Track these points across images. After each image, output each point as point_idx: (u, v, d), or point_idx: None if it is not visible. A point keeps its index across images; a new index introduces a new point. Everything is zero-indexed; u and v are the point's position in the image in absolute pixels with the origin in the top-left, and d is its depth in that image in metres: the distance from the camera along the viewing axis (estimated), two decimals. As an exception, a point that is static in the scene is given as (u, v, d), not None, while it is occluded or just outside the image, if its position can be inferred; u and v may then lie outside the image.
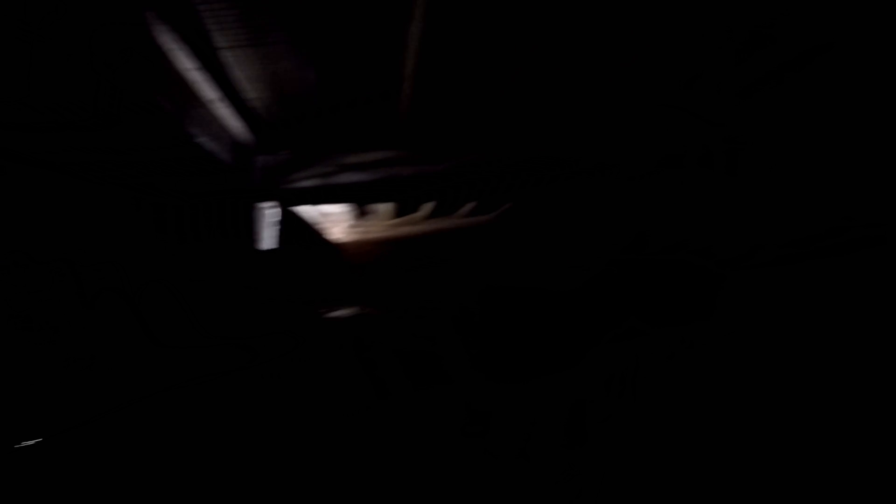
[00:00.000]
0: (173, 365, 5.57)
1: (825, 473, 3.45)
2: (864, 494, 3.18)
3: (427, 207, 10.28)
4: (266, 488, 4.58)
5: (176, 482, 3.24)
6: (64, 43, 2.85)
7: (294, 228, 7.12)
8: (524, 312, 7.47)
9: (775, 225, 5.58)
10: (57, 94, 3.25)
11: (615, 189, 6.61)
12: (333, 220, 10.67)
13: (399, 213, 10.51)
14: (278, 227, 6.32)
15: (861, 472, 3.28)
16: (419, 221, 11.13)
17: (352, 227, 10.91)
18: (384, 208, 11.29)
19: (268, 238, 6.22)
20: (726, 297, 7.49)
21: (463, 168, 6.91)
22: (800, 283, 6.44)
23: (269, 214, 6.41)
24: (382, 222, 11.00)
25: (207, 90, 4.57)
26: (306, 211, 9.13)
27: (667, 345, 5.65)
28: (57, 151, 3.71)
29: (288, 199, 6.48)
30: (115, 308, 5.10)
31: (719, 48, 3.52)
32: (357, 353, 6.80)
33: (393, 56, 4.91)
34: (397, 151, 6.78)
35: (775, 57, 3.03)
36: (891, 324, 5.22)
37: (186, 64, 4.04)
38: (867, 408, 3.59)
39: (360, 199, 6.93)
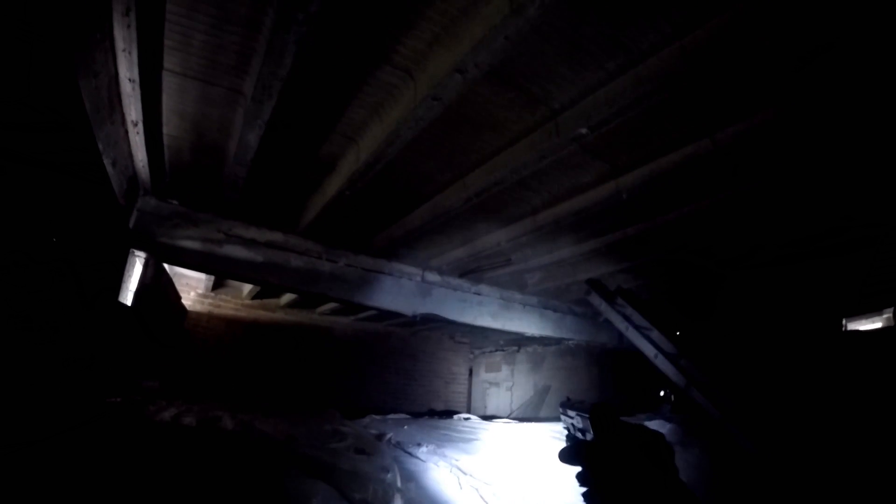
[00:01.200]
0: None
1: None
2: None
3: (287, 297, 9.52)
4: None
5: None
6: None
7: (158, 286, 6.49)
8: None
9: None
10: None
11: None
12: (186, 284, 9.83)
13: (257, 295, 9.73)
14: (143, 282, 5.65)
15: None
16: (275, 308, 10.54)
17: (204, 296, 10.09)
18: (241, 286, 10.33)
19: (128, 290, 5.53)
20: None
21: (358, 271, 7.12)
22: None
23: (139, 264, 5.72)
24: (237, 300, 10.26)
25: (133, 109, 3.92)
26: (171, 268, 8.09)
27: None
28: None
29: (165, 255, 5.87)
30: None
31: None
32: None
33: (331, 157, 4.79)
34: (293, 237, 6.50)
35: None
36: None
37: (129, 72, 3.45)
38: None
39: (238, 276, 6.47)
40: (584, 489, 0.94)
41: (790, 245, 6.05)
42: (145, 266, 5.75)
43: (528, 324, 8.89)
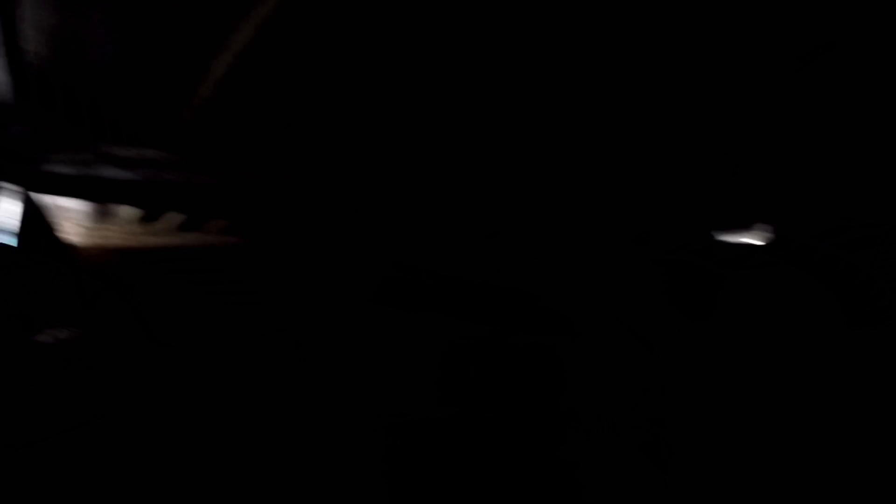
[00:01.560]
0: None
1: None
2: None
3: (176, 219, 8.66)
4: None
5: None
6: None
7: (33, 221, 5.83)
8: None
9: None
10: None
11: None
12: (67, 217, 8.83)
13: (144, 219, 8.83)
14: (16, 215, 5.08)
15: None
16: (165, 233, 9.69)
17: (90, 228, 9.18)
18: (127, 213, 9.48)
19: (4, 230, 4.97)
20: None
21: (240, 185, 6.10)
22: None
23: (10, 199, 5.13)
24: (123, 227, 9.35)
25: None
26: (46, 203, 7.38)
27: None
28: None
29: (37, 185, 5.24)
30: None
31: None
32: None
33: (207, 54, 4.34)
34: (169, 153, 5.70)
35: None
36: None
37: None
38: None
39: (117, 197, 5.79)
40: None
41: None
42: (17, 199, 5.30)
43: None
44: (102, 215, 9.15)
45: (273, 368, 6.44)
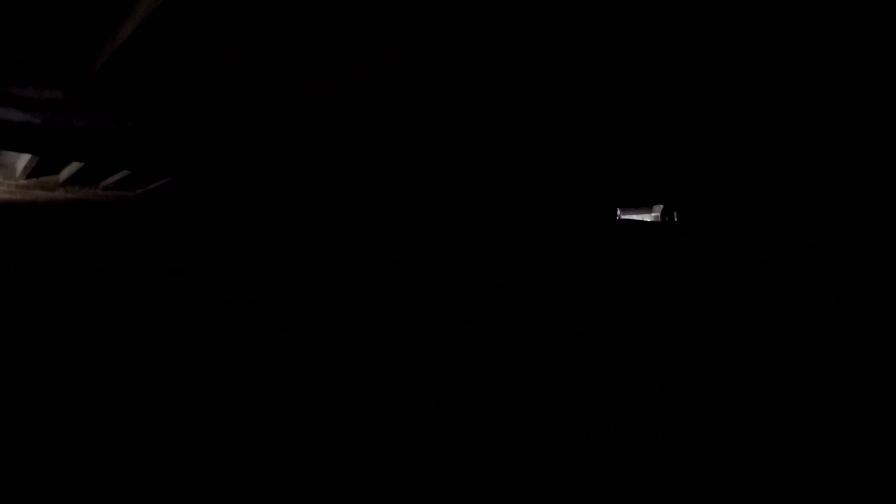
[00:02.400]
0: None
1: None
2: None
3: (67, 172, 7.79)
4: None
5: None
6: None
7: None
8: None
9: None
10: None
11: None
12: None
13: (33, 172, 7.94)
14: None
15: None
16: (54, 187, 8.77)
17: None
18: (14, 163, 8.53)
19: None
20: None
21: (151, 132, 5.35)
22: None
23: None
24: (9, 180, 8.50)
25: None
26: None
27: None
28: None
29: None
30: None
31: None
32: None
33: None
34: (76, 95, 5.18)
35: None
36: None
37: None
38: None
39: (19, 144, 5.28)
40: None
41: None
42: None
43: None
44: None
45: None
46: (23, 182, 9.05)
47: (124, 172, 7.09)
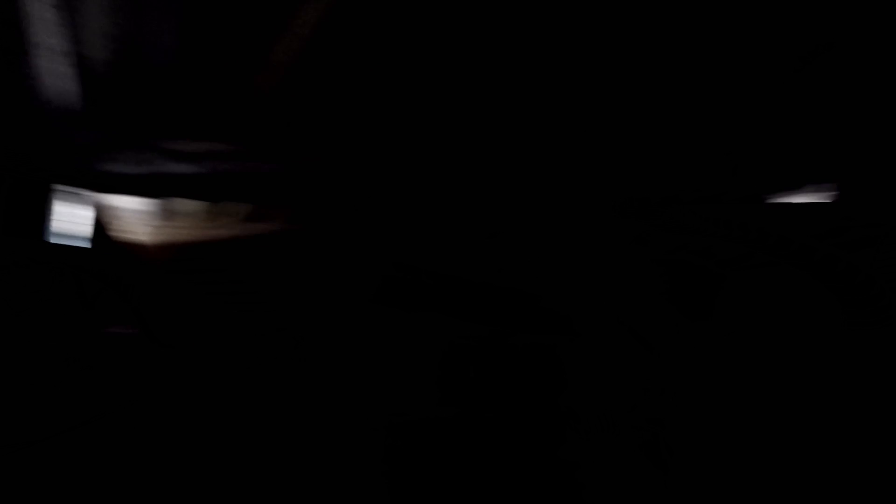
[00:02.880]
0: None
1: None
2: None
3: (245, 210, 8.90)
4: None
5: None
6: None
7: (103, 221, 6.03)
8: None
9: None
10: None
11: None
12: (136, 219, 9.06)
13: (213, 213, 9.09)
14: (88, 219, 5.28)
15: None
16: (235, 225, 9.89)
17: (157, 227, 9.41)
18: (193, 207, 9.73)
19: (75, 231, 5.17)
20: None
21: (306, 170, 6.06)
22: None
23: (81, 202, 5.35)
24: (194, 223, 9.58)
25: (50, 34, 3.57)
26: (117, 204, 7.62)
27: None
28: None
29: (103, 184, 5.41)
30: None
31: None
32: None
33: (268, 37, 4.28)
34: (233, 144, 5.84)
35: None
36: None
37: None
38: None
39: (181, 192, 5.92)
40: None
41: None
42: (86, 202, 5.47)
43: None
44: (168, 212, 9.18)
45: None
46: (205, 223, 9.77)
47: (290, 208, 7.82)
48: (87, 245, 5.11)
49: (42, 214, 4.95)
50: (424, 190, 5.96)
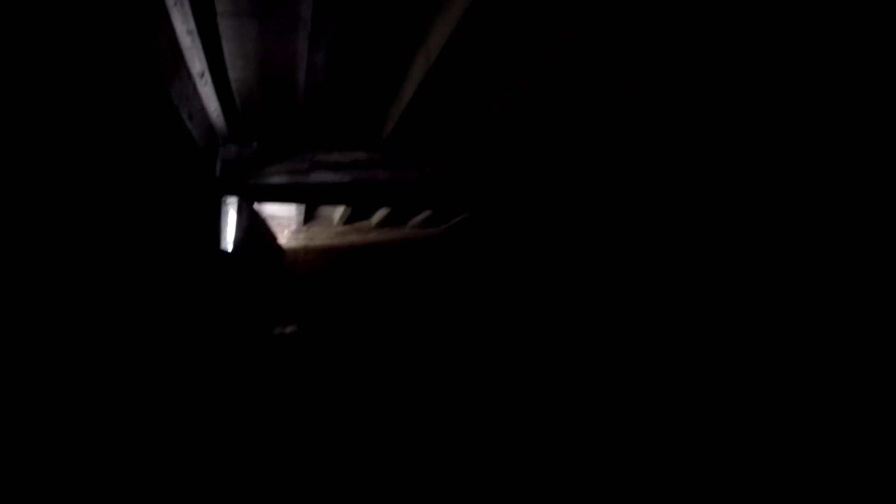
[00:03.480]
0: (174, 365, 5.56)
1: (824, 470, 3.44)
2: (862, 493, 3.17)
3: (378, 216, 9.84)
4: (264, 486, 4.57)
5: (175, 481, 3.24)
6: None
7: (254, 228, 6.68)
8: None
9: (776, 225, 5.58)
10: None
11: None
12: (279, 224, 10.14)
13: (348, 220, 10.08)
14: (240, 226, 5.80)
15: (860, 470, 3.28)
16: (367, 230, 10.74)
17: (297, 232, 10.51)
18: (333, 215, 10.78)
19: (229, 237, 5.70)
20: (726, 297, 7.49)
21: (445, 176, 6.49)
22: (799, 283, 6.44)
23: (232, 211, 5.94)
24: (329, 229, 10.54)
25: (196, 60, 3.88)
26: (262, 211, 8.61)
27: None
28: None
29: (255, 195, 6.03)
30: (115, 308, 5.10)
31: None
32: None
33: (401, 63, 4.69)
34: (376, 154, 6.38)
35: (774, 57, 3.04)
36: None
37: (185, 24, 3.38)
38: (866, 407, 3.58)
39: (330, 199, 6.47)
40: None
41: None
42: (239, 211, 5.97)
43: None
44: (310, 218, 9.95)
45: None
46: (340, 229, 10.50)
47: (426, 212, 8.38)
48: (231, 249, 5.71)
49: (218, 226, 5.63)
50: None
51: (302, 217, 9.87)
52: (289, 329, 6.95)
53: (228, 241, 5.67)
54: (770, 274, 6.98)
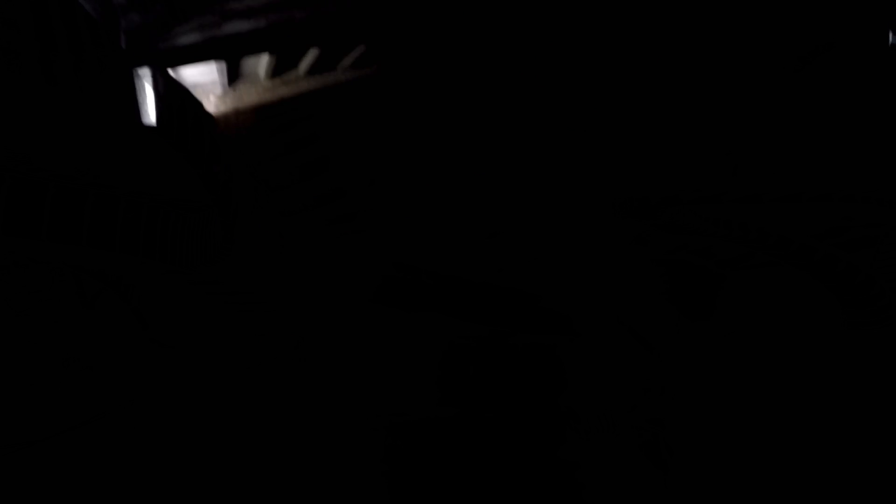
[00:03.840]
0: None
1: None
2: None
3: (305, 63, 8.71)
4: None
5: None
6: None
7: (174, 98, 6.05)
8: None
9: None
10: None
11: None
12: (203, 92, 9.16)
13: (274, 73, 9.00)
14: (158, 98, 5.22)
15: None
16: (297, 81, 9.74)
17: (223, 96, 9.46)
18: (258, 70, 9.76)
19: (150, 111, 5.15)
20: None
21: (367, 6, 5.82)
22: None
23: (147, 84, 5.25)
24: (258, 85, 9.53)
25: None
26: (183, 81, 7.69)
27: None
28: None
29: (167, 61, 5.39)
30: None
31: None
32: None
33: None
34: None
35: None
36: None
37: None
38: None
39: (249, 49, 5.96)
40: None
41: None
42: (155, 83, 5.47)
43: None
44: (234, 79, 8.98)
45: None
46: (267, 84, 9.44)
47: (358, 50, 6.98)
48: (151, 124, 5.07)
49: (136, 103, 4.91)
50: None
51: (225, 79, 9.03)
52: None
53: (150, 115, 5.08)
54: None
